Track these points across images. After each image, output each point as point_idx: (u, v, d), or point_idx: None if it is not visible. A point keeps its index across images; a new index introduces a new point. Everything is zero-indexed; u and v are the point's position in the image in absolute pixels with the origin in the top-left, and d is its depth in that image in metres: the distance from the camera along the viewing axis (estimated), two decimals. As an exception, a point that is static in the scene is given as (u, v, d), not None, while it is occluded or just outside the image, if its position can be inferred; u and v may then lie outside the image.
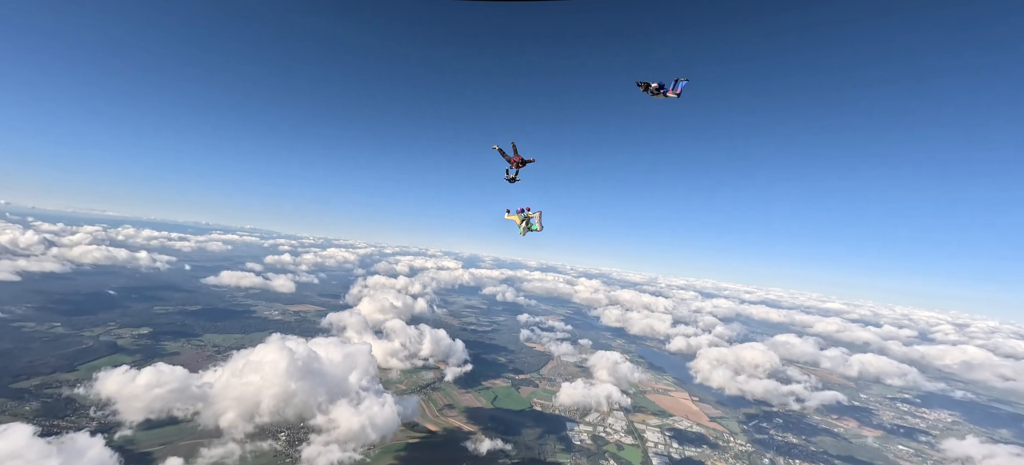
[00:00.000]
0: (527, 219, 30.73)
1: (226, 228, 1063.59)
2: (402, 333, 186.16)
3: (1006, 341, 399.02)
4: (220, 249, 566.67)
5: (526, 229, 30.92)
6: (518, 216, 30.87)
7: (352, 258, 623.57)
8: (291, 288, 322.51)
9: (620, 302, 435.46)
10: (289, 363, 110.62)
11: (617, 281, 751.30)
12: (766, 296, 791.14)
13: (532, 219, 30.83)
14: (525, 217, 30.73)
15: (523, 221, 30.73)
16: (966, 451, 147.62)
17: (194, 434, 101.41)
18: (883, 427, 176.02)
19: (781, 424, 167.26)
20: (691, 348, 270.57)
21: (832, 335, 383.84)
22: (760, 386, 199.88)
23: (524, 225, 30.85)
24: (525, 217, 30.73)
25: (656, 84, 27.08)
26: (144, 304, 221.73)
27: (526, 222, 30.72)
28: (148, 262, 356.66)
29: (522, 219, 30.80)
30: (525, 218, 30.71)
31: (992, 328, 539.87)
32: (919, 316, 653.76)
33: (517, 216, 30.89)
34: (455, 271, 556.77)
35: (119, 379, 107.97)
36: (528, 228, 30.76)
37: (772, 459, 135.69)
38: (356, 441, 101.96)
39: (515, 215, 30.98)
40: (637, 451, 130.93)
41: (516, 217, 30.88)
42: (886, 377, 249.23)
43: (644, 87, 27.33)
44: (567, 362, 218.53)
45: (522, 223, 30.80)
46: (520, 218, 30.79)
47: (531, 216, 30.69)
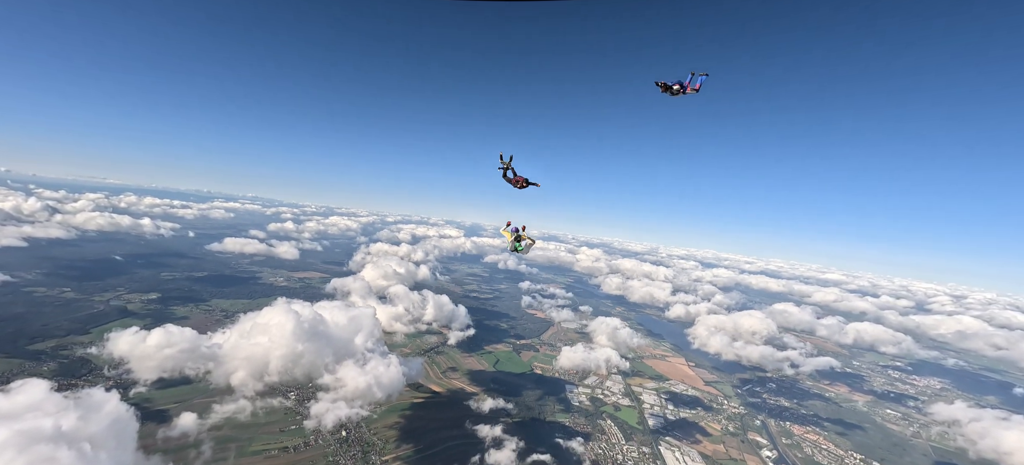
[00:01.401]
0: (519, 240, 32.29)
1: (228, 196, 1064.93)
2: (405, 298, 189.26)
3: (1002, 312, 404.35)
4: (223, 217, 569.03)
5: (514, 248, 32.68)
6: (511, 233, 32.41)
7: (354, 226, 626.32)
8: (295, 255, 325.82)
9: (621, 271, 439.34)
10: (296, 325, 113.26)
11: (618, 250, 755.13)
12: (766, 266, 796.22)
13: (523, 241, 32.47)
14: (518, 237, 32.30)
15: (515, 240, 32.39)
16: (953, 415, 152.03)
17: (207, 393, 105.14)
18: (873, 392, 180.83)
19: (774, 388, 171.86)
20: (690, 316, 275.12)
21: (830, 304, 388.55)
22: (756, 352, 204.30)
23: (514, 243, 32.66)
24: (518, 237, 32.30)
25: (677, 84, 27.12)
26: (151, 270, 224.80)
27: (518, 240, 32.36)
28: (152, 229, 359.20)
29: (514, 238, 32.35)
30: (517, 237, 32.28)
31: (989, 299, 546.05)
32: (917, 287, 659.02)
33: (510, 233, 32.42)
34: (457, 239, 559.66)
35: (131, 340, 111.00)
36: (516, 248, 32.42)
37: (763, 421, 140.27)
38: (363, 399, 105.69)
39: (509, 232, 32.53)
40: (634, 412, 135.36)
41: (509, 234, 32.39)
42: (880, 345, 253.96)
43: (664, 88, 27.31)
44: (567, 328, 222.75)
45: (512, 240, 32.50)
46: (512, 236, 32.32)
47: (524, 237, 32.25)
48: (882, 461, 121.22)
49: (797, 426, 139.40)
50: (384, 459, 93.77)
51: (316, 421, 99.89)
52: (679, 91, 27.20)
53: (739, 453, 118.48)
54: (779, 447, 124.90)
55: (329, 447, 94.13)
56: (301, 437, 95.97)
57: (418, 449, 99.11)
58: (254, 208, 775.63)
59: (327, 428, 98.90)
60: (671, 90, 27.36)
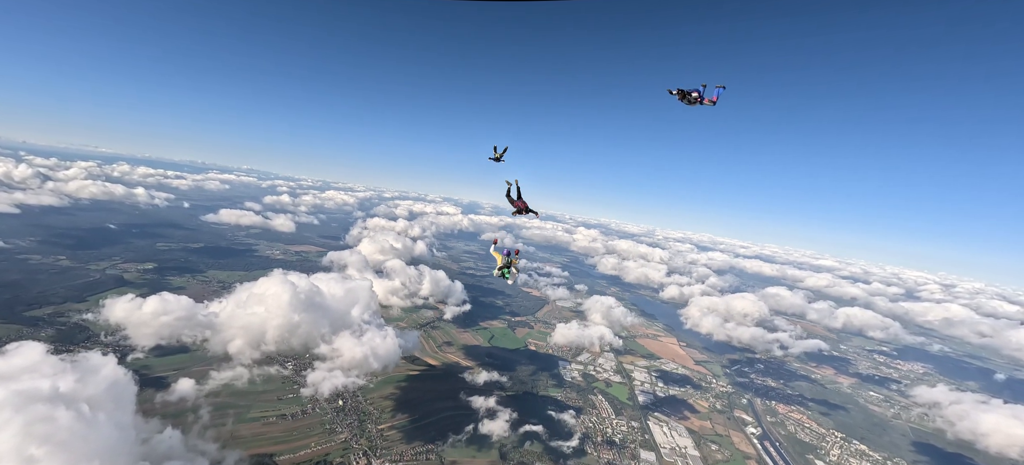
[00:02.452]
0: (508, 266, 30.53)
1: (223, 168, 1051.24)
2: (402, 273, 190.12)
3: (989, 302, 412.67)
4: (218, 188, 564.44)
5: (501, 273, 30.95)
6: (501, 256, 30.65)
7: (351, 201, 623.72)
8: (291, 228, 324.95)
9: (617, 251, 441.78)
10: (292, 296, 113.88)
11: (615, 231, 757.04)
12: (761, 251, 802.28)
13: (512, 269, 30.76)
14: (508, 262, 30.55)
15: (504, 265, 30.58)
16: (935, 398, 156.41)
17: (204, 360, 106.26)
18: (858, 375, 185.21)
19: (762, 369, 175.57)
20: (684, 297, 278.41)
21: (821, 289, 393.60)
22: (747, 333, 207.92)
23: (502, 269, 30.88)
24: (508, 262, 30.55)
25: (695, 92, 25.94)
26: (147, 240, 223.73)
27: (506, 267, 30.59)
28: (146, 199, 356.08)
29: (504, 264, 30.55)
30: (507, 263, 30.53)
31: (977, 289, 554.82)
32: (908, 276, 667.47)
33: (500, 256, 30.66)
34: (454, 216, 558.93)
35: (126, 306, 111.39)
36: (503, 274, 30.60)
37: (750, 400, 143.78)
38: (359, 369, 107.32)
39: (500, 255, 30.74)
40: (624, 388, 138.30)
41: (500, 256, 30.63)
42: (869, 330, 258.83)
43: (680, 95, 26.08)
44: (562, 307, 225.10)
45: (502, 264, 30.65)
46: (503, 259, 30.57)
47: (513, 263, 30.61)
48: (862, 440, 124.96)
49: (782, 405, 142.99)
50: (380, 427, 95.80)
51: (313, 389, 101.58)
52: (697, 100, 26.08)
53: (725, 429, 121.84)
54: (763, 424, 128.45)
55: (326, 415, 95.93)
56: (298, 405, 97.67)
57: (413, 418, 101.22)
58: (249, 180, 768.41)
59: (324, 396, 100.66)
60: (688, 98, 26.10)
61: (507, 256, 30.35)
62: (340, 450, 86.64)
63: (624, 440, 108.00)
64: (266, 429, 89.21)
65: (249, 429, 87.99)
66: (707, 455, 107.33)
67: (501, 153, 36.10)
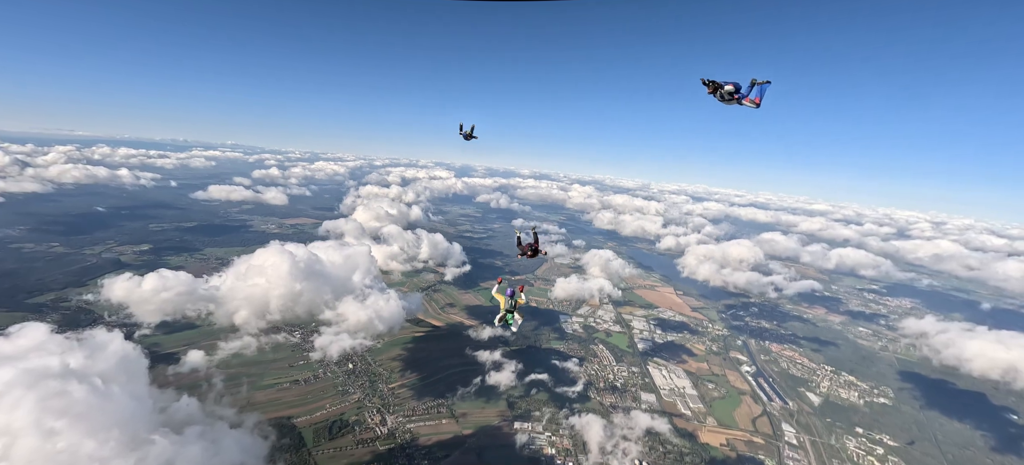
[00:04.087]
0: (512, 310, 27.11)
1: (207, 145, 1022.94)
2: (400, 238, 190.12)
3: (978, 236, 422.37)
4: (204, 165, 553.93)
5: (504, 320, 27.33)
6: (505, 299, 27.24)
7: (342, 170, 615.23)
8: (284, 201, 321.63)
9: (613, 206, 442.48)
10: (291, 265, 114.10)
11: (610, 187, 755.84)
12: (755, 199, 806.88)
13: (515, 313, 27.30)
14: (513, 304, 27.08)
15: (508, 310, 27.11)
16: (922, 329, 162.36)
17: (212, 334, 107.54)
18: (849, 312, 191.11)
19: (756, 312, 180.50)
20: (680, 246, 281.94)
21: (815, 233, 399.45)
22: (743, 278, 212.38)
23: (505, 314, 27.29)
24: (513, 304, 27.08)
25: (730, 87, 21.93)
26: (138, 222, 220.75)
27: (511, 311, 27.08)
28: (131, 180, 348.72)
29: (508, 307, 27.12)
30: (512, 306, 27.10)
31: (966, 225, 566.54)
32: (899, 215, 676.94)
33: (504, 298, 27.30)
34: (448, 180, 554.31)
35: (126, 285, 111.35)
36: (507, 321, 27.17)
37: (744, 341, 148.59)
38: (365, 331, 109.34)
39: (503, 296, 27.40)
40: (624, 337, 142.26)
41: (503, 299, 27.35)
42: (860, 269, 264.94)
43: (712, 88, 22.26)
44: (561, 263, 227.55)
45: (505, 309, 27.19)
46: (506, 302, 27.19)
47: (519, 302, 27.39)
48: (850, 372, 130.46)
49: (775, 344, 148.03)
50: (391, 386, 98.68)
51: (321, 353, 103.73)
52: (733, 98, 22.09)
53: (721, 369, 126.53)
54: (757, 362, 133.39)
55: (338, 378, 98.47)
56: (310, 370, 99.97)
57: (422, 376, 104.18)
58: (235, 156, 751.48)
59: (333, 359, 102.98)
60: (722, 94, 22.14)
61: (511, 297, 27.25)
62: (355, 409, 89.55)
63: (625, 384, 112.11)
64: (281, 394, 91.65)
65: (264, 395, 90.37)
66: (704, 393, 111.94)
67: (470, 130, 35.37)
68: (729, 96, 22.17)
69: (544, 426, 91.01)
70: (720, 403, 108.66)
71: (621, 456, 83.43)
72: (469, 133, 35.47)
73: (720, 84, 22.18)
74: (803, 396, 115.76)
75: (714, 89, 22.35)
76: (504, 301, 27.36)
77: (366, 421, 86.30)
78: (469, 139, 35.80)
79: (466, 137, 35.61)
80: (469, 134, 35.48)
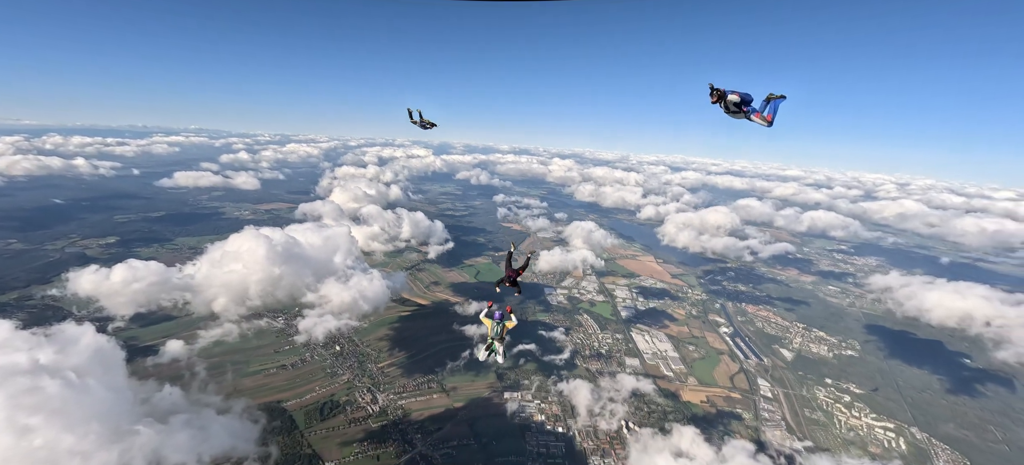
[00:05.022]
0: (501, 335, 25.32)
1: (169, 130, 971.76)
2: (380, 218, 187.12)
3: (939, 196, 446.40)
4: (167, 151, 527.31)
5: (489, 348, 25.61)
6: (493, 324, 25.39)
7: (315, 152, 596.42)
8: (256, 186, 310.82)
9: (593, 179, 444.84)
10: (268, 249, 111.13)
11: (590, 160, 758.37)
12: (731, 167, 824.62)
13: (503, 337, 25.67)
14: (500, 329, 25.18)
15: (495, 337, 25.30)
16: (887, 284, 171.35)
17: (191, 324, 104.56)
18: (819, 272, 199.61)
19: (733, 276, 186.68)
20: (659, 216, 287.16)
21: (788, 197, 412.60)
22: (720, 243, 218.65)
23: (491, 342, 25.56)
24: (500, 329, 25.18)
25: (734, 97, 19.99)
26: (101, 214, 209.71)
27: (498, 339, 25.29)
28: (89, 170, 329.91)
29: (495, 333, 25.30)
30: (499, 332, 25.25)
31: (928, 185, 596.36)
32: (867, 178, 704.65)
33: (492, 323, 25.44)
34: (426, 159, 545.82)
35: (93, 278, 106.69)
36: (491, 349, 25.51)
37: (722, 304, 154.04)
38: (350, 311, 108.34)
39: (491, 322, 25.50)
40: (608, 306, 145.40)
41: (490, 323, 25.48)
42: (831, 230, 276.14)
43: (717, 97, 20.43)
44: (544, 237, 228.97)
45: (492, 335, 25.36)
46: (494, 328, 25.30)
47: (507, 326, 25.30)
48: (821, 328, 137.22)
49: (751, 306, 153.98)
50: (380, 365, 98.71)
51: (306, 335, 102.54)
52: (740, 111, 20.26)
53: (700, 332, 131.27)
54: (734, 324, 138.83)
55: (325, 361, 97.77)
56: (297, 354, 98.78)
57: (410, 354, 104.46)
58: (200, 141, 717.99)
59: (318, 341, 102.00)
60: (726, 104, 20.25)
61: (499, 321, 25.36)
62: (345, 390, 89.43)
63: (610, 351, 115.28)
64: (268, 380, 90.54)
65: (252, 381, 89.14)
66: (685, 355, 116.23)
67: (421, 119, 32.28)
68: (735, 107, 20.41)
69: (533, 394, 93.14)
70: (700, 363, 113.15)
71: (609, 416, 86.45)
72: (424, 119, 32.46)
73: (725, 93, 20.30)
74: (777, 352, 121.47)
75: (719, 98, 20.61)
76: (491, 326, 25.48)
77: (357, 401, 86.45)
78: (426, 127, 32.80)
79: (421, 125, 32.64)
80: (425, 122, 32.52)
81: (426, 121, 32.70)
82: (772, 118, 20.13)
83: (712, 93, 20.59)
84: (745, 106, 20.25)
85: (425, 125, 32.83)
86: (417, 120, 32.60)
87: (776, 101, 19.98)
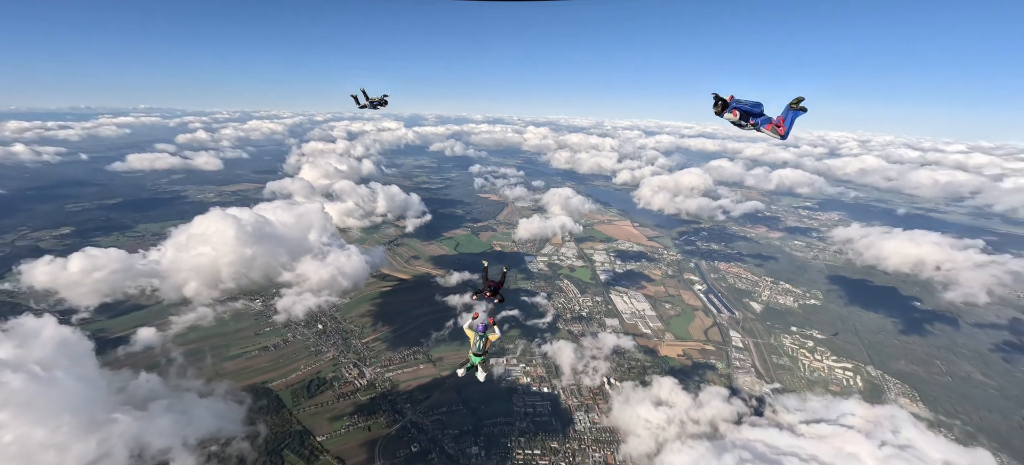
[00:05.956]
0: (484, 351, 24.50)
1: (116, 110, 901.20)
2: (353, 193, 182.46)
3: (897, 151, 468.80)
4: (116, 134, 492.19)
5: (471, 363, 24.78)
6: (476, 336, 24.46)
7: (280, 129, 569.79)
8: (218, 166, 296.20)
9: (569, 146, 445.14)
10: (238, 230, 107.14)
11: (565, 127, 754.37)
12: (704, 130, 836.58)
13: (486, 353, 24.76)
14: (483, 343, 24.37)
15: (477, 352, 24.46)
16: (849, 236, 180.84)
17: (163, 312, 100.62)
18: (786, 228, 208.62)
19: (706, 236, 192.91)
20: (635, 180, 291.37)
21: (758, 157, 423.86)
22: (694, 204, 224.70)
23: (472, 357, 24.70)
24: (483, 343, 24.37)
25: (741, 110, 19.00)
26: (51, 204, 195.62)
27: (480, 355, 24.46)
28: (32, 156, 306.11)
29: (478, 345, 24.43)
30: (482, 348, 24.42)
31: (888, 141, 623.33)
32: (831, 136, 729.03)
33: (475, 335, 24.53)
34: (397, 131, 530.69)
35: (48, 269, 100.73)
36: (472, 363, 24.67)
37: (696, 263, 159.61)
38: (330, 288, 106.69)
39: (474, 333, 24.62)
40: (587, 271, 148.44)
41: (473, 335, 24.58)
42: (797, 187, 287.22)
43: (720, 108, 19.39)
44: (522, 206, 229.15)
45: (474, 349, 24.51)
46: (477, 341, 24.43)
47: (490, 340, 24.55)
48: (787, 281, 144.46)
49: (724, 264, 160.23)
50: (364, 340, 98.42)
51: (286, 315, 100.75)
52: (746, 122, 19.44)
53: (676, 290, 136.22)
54: (708, 281, 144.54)
55: (309, 340, 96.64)
56: (278, 336, 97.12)
57: (395, 328, 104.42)
58: (153, 120, 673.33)
59: (300, 320, 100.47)
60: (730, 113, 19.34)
61: (482, 334, 24.52)
62: (331, 366, 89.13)
63: (590, 313, 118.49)
64: (250, 363, 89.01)
65: (234, 365, 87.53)
66: (662, 313, 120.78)
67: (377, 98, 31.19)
68: (744, 120, 19.57)
69: (518, 358, 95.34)
70: (676, 320, 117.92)
71: (592, 373, 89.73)
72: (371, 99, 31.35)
73: (725, 102, 19.43)
74: (747, 305, 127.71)
75: (723, 109, 19.79)
76: (474, 339, 24.69)
77: (344, 376, 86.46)
78: (377, 106, 31.89)
79: (372, 105, 31.68)
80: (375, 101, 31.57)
81: (376, 99, 31.74)
82: (786, 130, 19.21)
83: (715, 104, 19.94)
84: (753, 118, 19.39)
85: (376, 104, 31.87)
86: (366, 102, 31.70)
87: (796, 111, 19.05)
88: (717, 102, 20.09)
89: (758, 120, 19.53)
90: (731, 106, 19.67)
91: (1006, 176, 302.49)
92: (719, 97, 20.05)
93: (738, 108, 19.59)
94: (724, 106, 19.96)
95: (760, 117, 19.50)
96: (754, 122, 19.59)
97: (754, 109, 19.49)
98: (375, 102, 31.79)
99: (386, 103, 32.03)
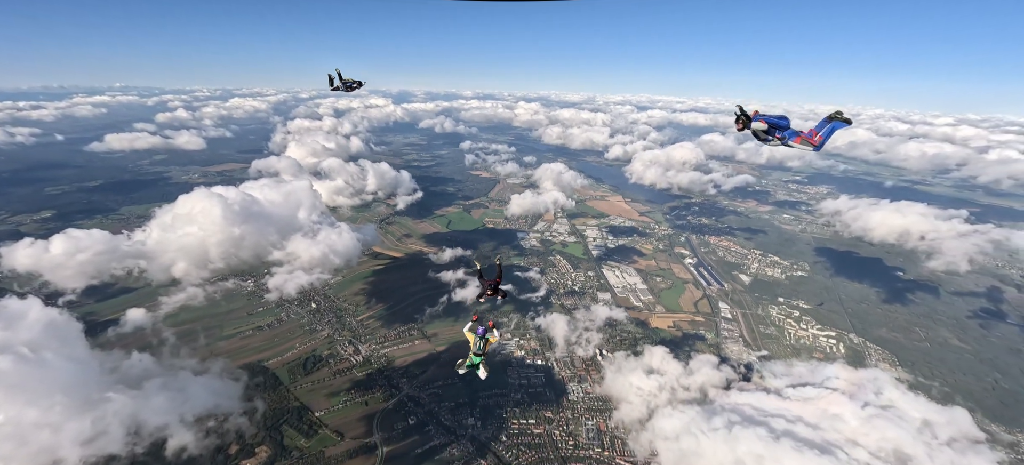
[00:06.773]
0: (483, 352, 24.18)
1: (91, 89, 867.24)
2: (342, 171, 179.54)
3: (886, 124, 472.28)
4: (92, 113, 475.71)
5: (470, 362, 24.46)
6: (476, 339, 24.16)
7: (263, 107, 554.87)
8: (201, 145, 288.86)
9: (560, 121, 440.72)
10: (224, 209, 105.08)
11: (556, 102, 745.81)
12: (696, 104, 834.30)
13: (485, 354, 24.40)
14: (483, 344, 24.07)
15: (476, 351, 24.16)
16: (837, 208, 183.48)
17: (152, 293, 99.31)
18: (776, 202, 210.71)
19: (697, 210, 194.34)
20: (627, 155, 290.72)
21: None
22: (686, 178, 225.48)
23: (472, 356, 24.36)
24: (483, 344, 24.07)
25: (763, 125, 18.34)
26: (28, 187, 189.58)
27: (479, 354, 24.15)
28: (4, 138, 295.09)
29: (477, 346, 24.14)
30: (481, 349, 24.10)
31: (877, 115, 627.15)
32: (823, 110, 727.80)
33: (474, 339, 24.22)
34: (386, 108, 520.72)
35: (30, 251, 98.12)
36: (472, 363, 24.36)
37: (687, 237, 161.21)
38: (321, 266, 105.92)
39: (474, 336, 24.31)
40: (579, 246, 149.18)
41: (473, 338, 24.30)
42: (788, 161, 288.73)
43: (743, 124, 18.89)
44: (514, 182, 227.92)
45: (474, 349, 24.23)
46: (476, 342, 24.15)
47: (490, 342, 24.24)
48: (775, 254, 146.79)
49: (714, 237, 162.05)
50: (359, 318, 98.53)
51: (278, 293, 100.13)
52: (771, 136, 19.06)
53: (667, 264, 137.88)
54: (698, 255, 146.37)
55: (303, 319, 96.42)
56: (272, 315, 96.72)
57: (389, 305, 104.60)
58: (129, 99, 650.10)
59: (291, 297, 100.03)
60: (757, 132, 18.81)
61: (482, 336, 24.25)
62: (326, 344, 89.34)
63: (583, 287, 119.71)
64: (245, 343, 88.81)
65: (228, 344, 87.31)
66: (653, 286, 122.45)
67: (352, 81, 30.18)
68: (764, 134, 19.22)
69: (512, 332, 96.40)
70: (667, 293, 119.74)
71: (585, 344, 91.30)
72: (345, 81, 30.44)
73: (748, 117, 18.87)
74: (736, 278, 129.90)
75: (746, 124, 19.37)
76: (474, 341, 24.59)
77: (339, 353, 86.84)
78: (351, 88, 30.98)
79: (345, 87, 30.77)
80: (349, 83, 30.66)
81: (349, 81, 30.76)
82: (821, 139, 18.89)
83: (738, 119, 19.70)
84: (780, 132, 19.11)
85: (350, 86, 30.92)
86: (339, 84, 30.60)
87: (837, 123, 18.77)
88: (740, 116, 19.99)
89: (785, 133, 19.36)
90: (757, 117, 19.50)
91: (991, 148, 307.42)
92: (743, 111, 20.00)
93: (765, 120, 19.39)
94: (747, 121, 19.76)
95: (787, 130, 19.31)
96: (780, 136, 19.42)
97: (780, 122, 19.33)
98: (349, 84, 30.85)
99: (361, 85, 31.34)
